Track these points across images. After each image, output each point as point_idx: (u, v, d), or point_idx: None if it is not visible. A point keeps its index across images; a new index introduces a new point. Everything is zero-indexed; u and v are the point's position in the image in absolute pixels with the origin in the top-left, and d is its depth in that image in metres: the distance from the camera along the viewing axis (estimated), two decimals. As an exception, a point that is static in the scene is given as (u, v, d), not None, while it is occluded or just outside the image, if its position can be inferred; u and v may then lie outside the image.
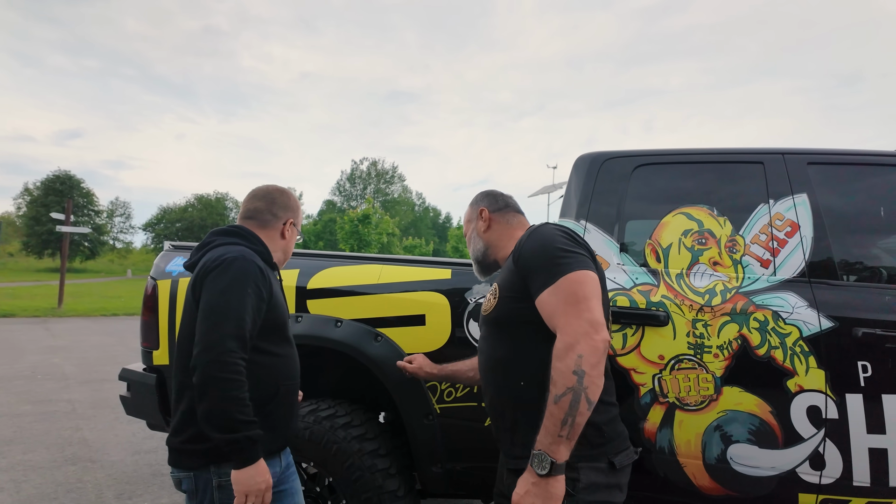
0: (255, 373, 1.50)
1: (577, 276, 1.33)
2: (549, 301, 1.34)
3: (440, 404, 2.17)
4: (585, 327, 1.25)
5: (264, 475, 1.43)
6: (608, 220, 2.16)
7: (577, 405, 1.20)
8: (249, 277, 1.50)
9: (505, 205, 1.78)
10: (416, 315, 2.23)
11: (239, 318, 1.44)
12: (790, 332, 1.84)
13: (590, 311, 1.28)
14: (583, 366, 1.21)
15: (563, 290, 1.32)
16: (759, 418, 1.82)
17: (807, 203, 2.01)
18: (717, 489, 1.87)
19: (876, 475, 1.74)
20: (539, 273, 1.38)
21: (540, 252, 1.41)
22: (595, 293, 1.33)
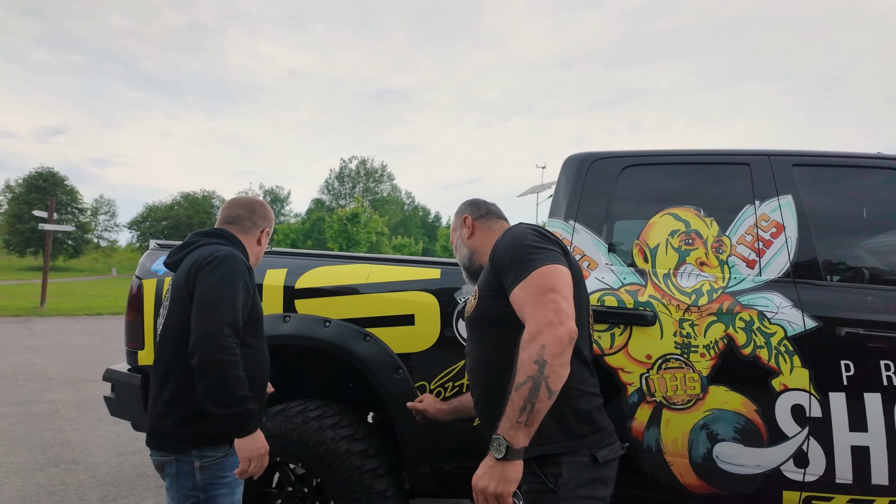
0: None
1: (545, 269, 1.37)
2: (519, 295, 1.37)
3: (429, 404, 2.17)
4: (550, 317, 1.28)
5: (263, 441, 1.61)
6: (597, 221, 2.17)
7: (536, 393, 1.22)
8: (239, 273, 1.65)
9: (487, 212, 1.83)
10: (406, 315, 2.22)
11: (233, 309, 1.59)
12: (775, 331, 1.86)
13: (555, 301, 1.30)
14: (545, 355, 1.24)
15: (532, 284, 1.35)
16: (745, 417, 1.84)
17: (792, 204, 2.03)
18: (704, 487, 1.88)
19: (858, 473, 1.77)
20: (510, 269, 1.42)
21: (511, 249, 1.45)
22: (563, 285, 1.36)
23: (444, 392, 2.16)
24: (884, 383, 1.76)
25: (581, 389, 1.44)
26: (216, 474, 1.67)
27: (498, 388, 1.45)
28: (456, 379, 2.13)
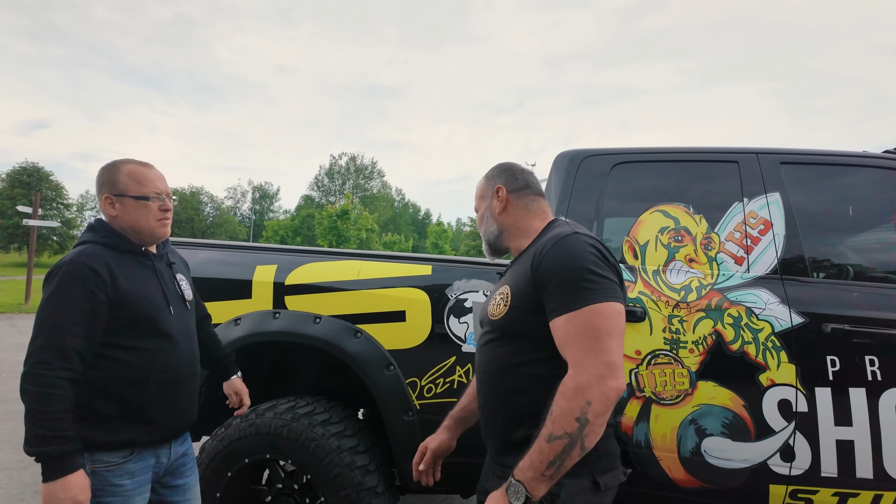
0: (115, 368, 1.52)
1: (602, 308, 1.19)
2: (565, 328, 1.20)
3: (420, 400, 2.17)
4: (601, 370, 1.14)
5: (69, 491, 1.38)
6: (587, 217, 2.18)
7: (569, 451, 1.13)
8: (75, 281, 1.46)
9: (525, 185, 1.54)
10: (397, 311, 2.22)
11: (56, 328, 1.42)
12: (763, 327, 1.89)
13: (609, 352, 1.16)
14: (588, 414, 1.12)
15: (584, 323, 1.18)
16: (733, 412, 1.87)
17: (779, 202, 2.06)
18: (692, 482, 1.90)
19: (843, 466, 1.79)
20: (559, 293, 1.23)
21: (564, 269, 1.24)
22: (619, 331, 1.20)
23: (435, 389, 2.16)
24: (868, 378, 1.79)
25: None
26: (107, 481, 1.51)
27: (508, 396, 1.35)
28: (447, 375, 2.14)
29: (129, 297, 1.53)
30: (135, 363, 1.55)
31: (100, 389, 1.50)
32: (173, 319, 1.65)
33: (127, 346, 1.54)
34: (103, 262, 1.51)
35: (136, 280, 1.58)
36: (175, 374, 1.63)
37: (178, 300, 1.71)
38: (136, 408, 1.55)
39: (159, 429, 1.62)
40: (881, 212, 2.13)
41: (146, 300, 1.58)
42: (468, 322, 2.14)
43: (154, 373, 1.58)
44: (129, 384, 1.54)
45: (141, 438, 1.57)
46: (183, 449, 1.74)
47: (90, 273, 1.47)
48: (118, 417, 1.52)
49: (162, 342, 1.61)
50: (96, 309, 1.47)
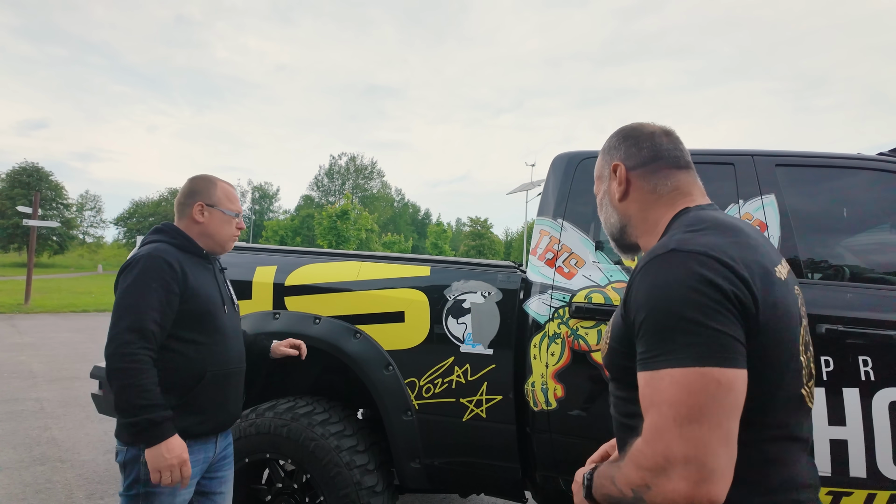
0: (175, 360, 1.64)
1: (686, 377, 0.81)
2: (642, 390, 0.88)
3: (419, 400, 2.19)
4: (662, 463, 0.80)
5: (174, 451, 1.53)
6: (584, 219, 2.20)
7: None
8: (154, 273, 1.61)
9: (653, 156, 1.09)
10: (396, 312, 2.23)
11: (138, 312, 1.56)
12: (757, 328, 1.90)
13: (699, 446, 0.78)
14: (644, 495, 0.84)
15: (665, 393, 0.82)
16: (728, 412, 1.88)
17: (774, 203, 2.07)
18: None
19: (837, 466, 1.81)
20: (643, 339, 0.88)
21: (650, 306, 0.87)
22: (718, 409, 0.79)
23: (434, 389, 2.18)
24: (861, 378, 1.81)
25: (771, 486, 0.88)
26: None
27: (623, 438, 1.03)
28: (445, 375, 2.16)
29: (195, 293, 1.68)
30: (194, 356, 1.67)
31: (163, 379, 1.59)
32: (226, 318, 1.79)
33: (188, 339, 1.67)
34: (176, 259, 1.67)
35: (201, 278, 1.73)
36: (227, 368, 1.76)
37: (230, 301, 1.86)
38: (192, 398, 1.66)
39: (209, 420, 1.72)
40: (876, 213, 2.15)
41: (208, 297, 1.73)
42: (466, 323, 2.15)
43: (210, 366, 1.70)
44: (188, 375, 1.66)
45: (195, 429, 1.67)
46: (225, 444, 1.85)
47: (167, 266, 1.62)
48: (177, 407, 1.62)
49: (218, 337, 1.74)
50: (170, 299, 1.61)
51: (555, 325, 2.06)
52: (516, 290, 2.16)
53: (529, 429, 2.09)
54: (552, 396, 2.04)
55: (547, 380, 2.04)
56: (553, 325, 2.06)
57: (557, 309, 2.07)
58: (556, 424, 2.04)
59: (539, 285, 2.14)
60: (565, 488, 2.09)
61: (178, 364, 1.64)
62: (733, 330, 0.83)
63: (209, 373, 1.69)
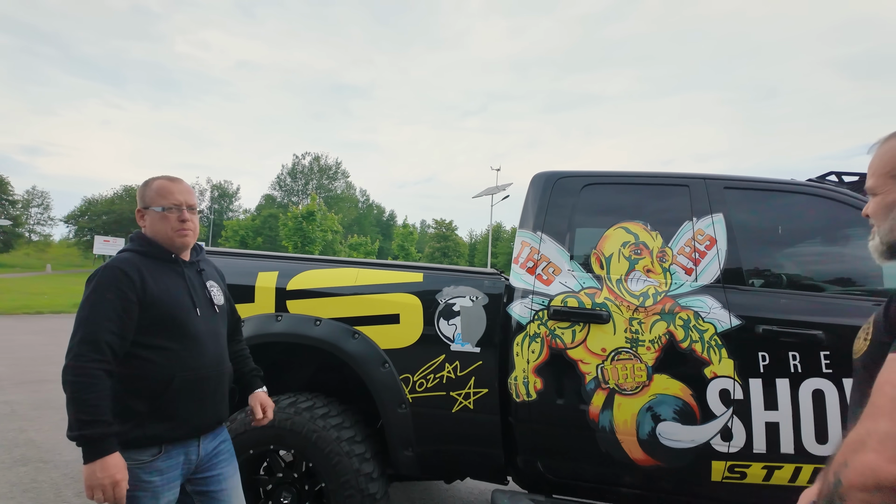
0: (142, 367, 1.64)
1: None
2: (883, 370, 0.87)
3: (412, 394, 2.42)
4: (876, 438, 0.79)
5: (107, 471, 1.50)
6: (560, 232, 2.49)
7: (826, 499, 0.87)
8: (108, 283, 1.61)
9: None
10: (392, 314, 2.46)
11: (92, 324, 1.56)
12: (707, 328, 2.22)
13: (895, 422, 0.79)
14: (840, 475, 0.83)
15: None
16: (682, 400, 2.20)
17: (723, 221, 2.41)
18: (648, 461, 2.22)
19: (770, 444, 2.14)
20: None
21: None
22: None
23: (426, 384, 2.42)
24: (791, 371, 2.15)
25: None
26: (137, 477, 1.61)
27: None
28: (437, 371, 2.40)
29: (156, 299, 1.66)
30: (160, 362, 1.65)
31: (130, 387, 1.61)
32: (199, 322, 1.75)
33: (153, 345, 1.66)
34: (135, 267, 1.66)
35: (165, 283, 1.71)
36: (199, 373, 1.73)
37: (206, 304, 1.82)
38: (161, 404, 1.65)
39: (184, 425, 1.71)
40: (806, 230, 2.52)
41: (172, 302, 1.70)
42: (456, 324, 2.40)
43: (178, 371, 1.68)
44: (155, 381, 1.64)
45: (167, 434, 1.67)
46: (214, 444, 1.84)
47: (122, 276, 1.62)
48: (147, 414, 1.63)
49: (186, 342, 1.71)
50: (127, 308, 1.61)
51: (535, 326, 2.34)
52: (501, 294, 2.42)
53: (512, 418, 2.36)
54: (532, 389, 2.31)
55: (528, 374, 2.32)
56: (533, 326, 2.34)
57: (537, 312, 2.35)
58: (535, 414, 2.31)
59: (521, 291, 2.41)
60: (543, 470, 2.37)
61: (146, 371, 1.63)
62: None
63: (177, 378, 1.67)
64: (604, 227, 2.49)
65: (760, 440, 2.14)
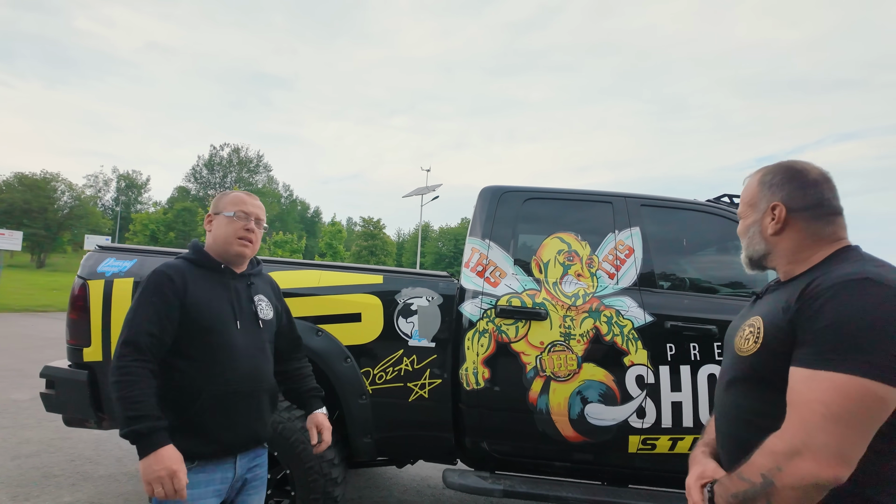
0: (173, 377, 1.62)
1: (850, 385, 0.96)
2: (799, 384, 1.02)
3: (372, 386, 2.67)
4: (799, 448, 0.97)
5: (163, 462, 1.48)
6: (505, 240, 2.82)
7: (751, 498, 1.03)
8: (152, 287, 1.64)
9: (816, 202, 1.19)
10: (354, 313, 2.69)
11: (134, 325, 1.57)
12: (626, 324, 2.64)
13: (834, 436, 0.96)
14: (774, 477, 0.99)
15: (817, 390, 0.98)
16: (606, 385, 2.60)
17: (639, 233, 2.84)
18: (578, 437, 2.61)
19: (675, 420, 2.59)
20: (817, 342, 1.02)
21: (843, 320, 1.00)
22: (855, 418, 0.96)
23: (385, 377, 2.67)
24: (692, 359, 2.61)
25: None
26: None
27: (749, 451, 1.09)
28: (396, 365, 2.66)
29: (194, 306, 1.65)
30: (188, 373, 1.63)
31: (161, 397, 1.58)
32: (237, 335, 1.70)
33: (185, 354, 1.63)
34: (180, 272, 1.68)
35: (206, 292, 1.70)
36: (231, 388, 1.67)
37: (249, 317, 1.78)
38: (189, 418, 1.61)
39: (213, 442, 1.64)
40: (704, 242, 3.02)
41: (210, 312, 1.67)
42: (414, 321, 2.67)
43: (206, 384, 1.63)
44: (184, 393, 1.62)
45: (196, 450, 1.61)
46: (250, 466, 1.77)
47: (167, 280, 1.65)
48: (176, 427, 1.57)
49: (220, 355, 1.66)
50: (170, 312, 1.62)
51: (484, 323, 2.66)
52: (454, 295, 2.72)
53: (462, 404, 2.66)
54: (481, 378, 2.63)
55: (477, 365, 2.63)
56: (483, 322, 2.66)
57: (486, 310, 2.67)
58: (483, 400, 2.63)
59: (472, 292, 2.72)
60: (489, 450, 2.69)
61: (175, 381, 1.62)
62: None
63: (206, 392, 1.62)
64: (542, 236, 2.85)
65: (668, 417, 2.59)
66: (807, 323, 1.04)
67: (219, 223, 1.79)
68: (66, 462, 4.04)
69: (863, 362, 0.96)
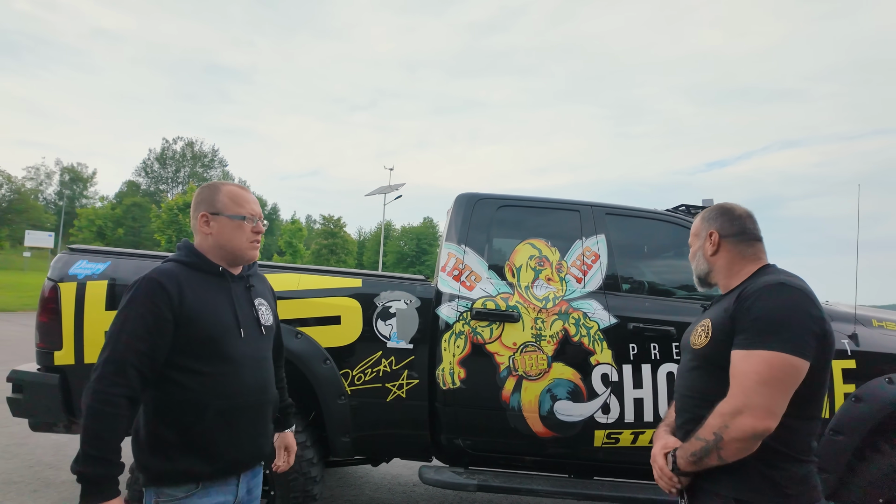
0: (174, 392, 1.47)
1: (775, 359, 1.30)
2: (736, 363, 1.36)
3: (351, 387, 2.74)
4: (740, 407, 1.30)
5: None
6: (481, 245, 2.95)
7: (706, 454, 1.34)
8: (144, 297, 1.44)
9: (740, 230, 1.58)
10: (333, 316, 2.76)
11: (120, 343, 1.40)
12: (593, 325, 2.81)
13: (759, 395, 1.30)
14: (723, 433, 1.32)
15: (752, 364, 1.32)
16: (574, 383, 2.76)
17: (605, 240, 3.02)
18: (547, 433, 2.76)
19: (637, 415, 2.78)
20: (749, 330, 1.36)
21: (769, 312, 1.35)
22: (781, 382, 1.30)
23: (364, 377, 2.75)
24: (653, 358, 2.80)
25: (798, 457, 1.37)
26: None
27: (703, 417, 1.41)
28: (374, 366, 2.74)
29: (194, 316, 1.48)
30: (192, 387, 1.47)
31: (161, 413, 1.46)
32: (242, 344, 1.56)
33: (186, 367, 1.48)
34: (174, 280, 1.49)
35: (206, 299, 1.53)
36: (237, 401, 1.53)
37: (252, 324, 1.62)
38: (194, 436, 1.47)
39: (219, 461, 1.50)
40: (663, 249, 3.24)
41: (212, 321, 1.51)
42: (392, 324, 2.77)
43: (213, 399, 1.49)
44: (188, 409, 1.47)
45: (201, 471, 1.47)
46: (250, 486, 1.64)
47: (159, 289, 1.45)
48: (178, 445, 1.45)
49: (224, 367, 1.52)
50: (161, 327, 1.43)
51: (460, 325, 2.78)
52: (431, 298, 2.83)
53: (439, 403, 2.77)
54: (457, 378, 2.75)
55: (453, 366, 2.75)
56: (459, 324, 2.78)
57: (462, 313, 2.79)
58: (459, 398, 2.75)
59: (448, 295, 2.84)
60: (463, 446, 2.81)
61: (177, 397, 1.46)
62: (814, 342, 1.33)
63: (212, 407, 1.48)
64: (515, 241, 3.00)
65: (630, 412, 2.77)
66: (741, 317, 1.39)
67: (222, 226, 1.60)
68: (25, 468, 3.93)
69: (782, 342, 1.31)
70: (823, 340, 1.35)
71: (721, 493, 1.37)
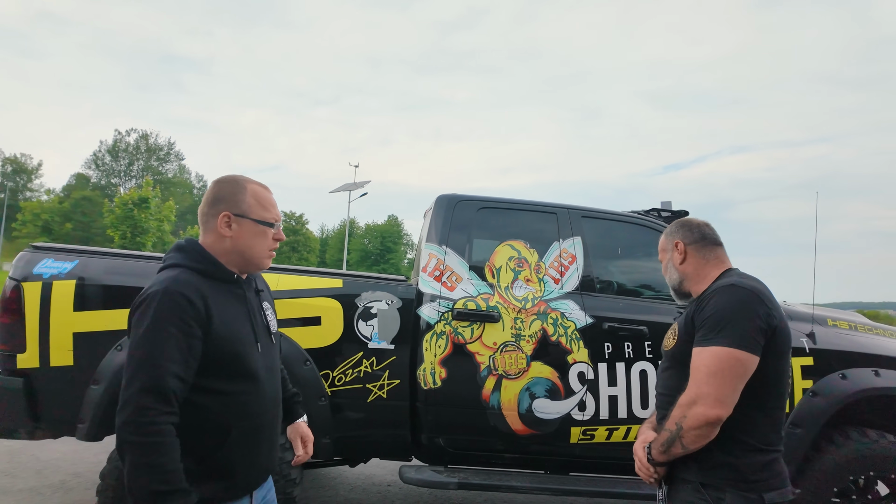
0: (196, 416, 1.34)
1: (722, 353, 1.45)
2: (695, 357, 1.51)
3: (332, 388, 2.73)
4: (694, 398, 1.45)
5: None
6: (461, 246, 2.98)
7: (672, 442, 1.50)
8: (171, 315, 1.30)
9: (701, 237, 1.73)
10: (313, 317, 2.74)
11: (155, 367, 1.26)
12: (570, 325, 2.89)
13: (709, 385, 1.44)
14: (682, 423, 1.47)
15: (704, 358, 1.47)
16: (552, 381, 2.83)
17: (581, 242, 3.10)
18: (526, 430, 2.82)
19: (611, 412, 2.87)
20: (704, 329, 1.51)
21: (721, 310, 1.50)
22: (730, 373, 1.44)
23: (345, 378, 2.74)
24: (626, 356, 2.90)
25: (759, 446, 1.49)
26: None
27: None
28: (356, 367, 2.74)
29: (219, 333, 1.36)
30: (217, 409, 1.37)
31: (181, 440, 1.29)
32: (259, 357, 1.46)
33: (208, 388, 1.35)
34: (198, 293, 1.34)
35: (228, 312, 1.41)
36: (259, 420, 1.45)
37: (264, 333, 1.54)
38: (215, 461, 1.37)
39: (239, 482, 1.43)
40: (635, 251, 3.35)
41: (235, 336, 1.40)
42: (374, 324, 2.77)
43: (237, 420, 1.39)
44: (211, 433, 1.36)
45: (220, 495, 1.38)
46: (263, 493, 1.55)
47: (187, 304, 1.31)
48: (198, 473, 1.33)
49: (246, 384, 1.42)
50: (192, 345, 1.31)
51: (441, 325, 2.80)
52: (413, 299, 2.84)
53: (420, 403, 2.79)
54: (438, 378, 2.77)
55: (434, 366, 2.77)
56: (440, 325, 2.80)
57: (443, 313, 2.82)
58: (440, 398, 2.78)
59: (429, 295, 2.86)
60: (444, 445, 2.84)
61: (199, 421, 1.34)
62: (760, 337, 1.47)
63: (236, 429, 1.38)
64: (495, 243, 3.04)
65: (605, 409, 2.86)
66: (698, 317, 1.56)
67: (245, 230, 1.46)
68: (-22, 477, 3.73)
69: (728, 337, 1.46)
70: (772, 335, 1.49)
71: (689, 479, 1.52)
